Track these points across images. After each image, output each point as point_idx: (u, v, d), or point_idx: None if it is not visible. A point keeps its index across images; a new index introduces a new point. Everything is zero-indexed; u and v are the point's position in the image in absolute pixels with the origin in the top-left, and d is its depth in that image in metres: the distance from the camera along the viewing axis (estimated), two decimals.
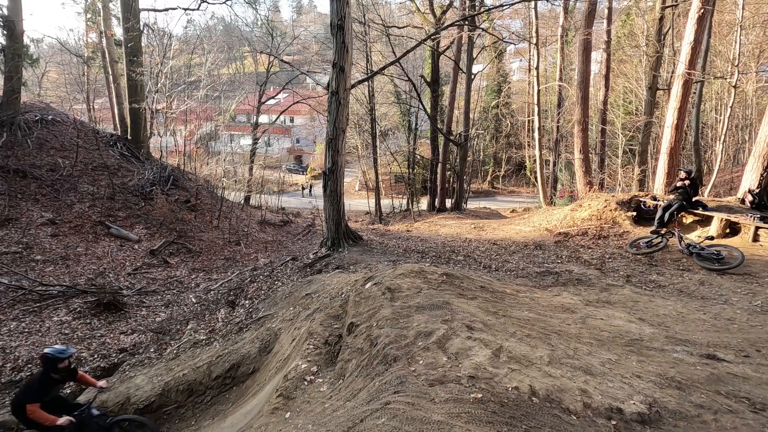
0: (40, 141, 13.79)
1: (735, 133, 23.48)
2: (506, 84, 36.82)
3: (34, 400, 3.95)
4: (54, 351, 4.11)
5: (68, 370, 4.22)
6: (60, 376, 4.16)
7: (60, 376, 4.15)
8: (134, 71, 16.17)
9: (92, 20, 24.52)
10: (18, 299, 8.13)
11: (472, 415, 2.48)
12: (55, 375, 4.11)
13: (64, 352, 4.11)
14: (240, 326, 6.89)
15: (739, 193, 9.64)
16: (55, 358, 4.05)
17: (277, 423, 3.38)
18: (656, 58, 18.69)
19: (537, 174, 19.73)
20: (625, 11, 24.82)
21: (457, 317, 3.94)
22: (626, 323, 4.53)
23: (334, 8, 9.49)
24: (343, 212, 10.56)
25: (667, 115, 11.56)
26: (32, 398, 3.96)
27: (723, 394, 3.02)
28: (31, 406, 3.91)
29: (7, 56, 13.60)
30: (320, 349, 4.46)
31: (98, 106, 28.50)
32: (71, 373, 4.31)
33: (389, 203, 25.19)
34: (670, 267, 7.53)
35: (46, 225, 10.89)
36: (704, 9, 10.41)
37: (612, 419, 2.62)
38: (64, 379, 4.27)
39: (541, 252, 9.34)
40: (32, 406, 3.92)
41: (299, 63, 29.76)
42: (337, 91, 9.66)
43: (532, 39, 19.11)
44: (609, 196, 11.32)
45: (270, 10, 64.32)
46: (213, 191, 17.64)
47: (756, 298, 5.75)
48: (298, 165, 46.16)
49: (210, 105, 29.92)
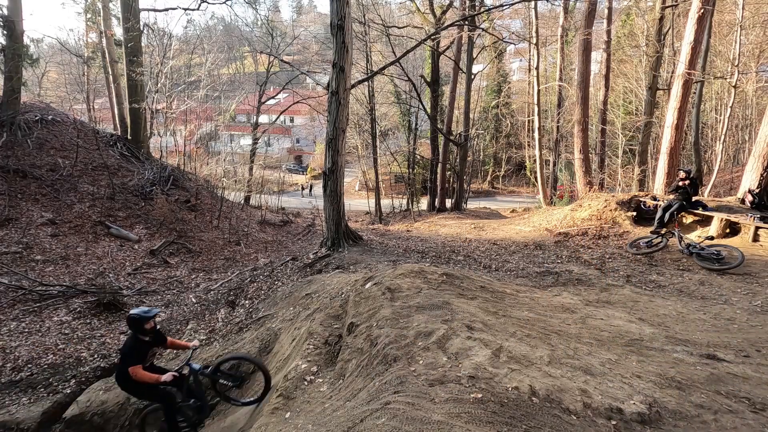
0: (40, 141, 13.79)
1: (735, 133, 23.48)
2: (506, 84, 36.81)
3: (134, 363, 3.95)
4: (139, 311, 4.07)
5: (155, 332, 4.19)
6: (149, 338, 4.11)
7: (149, 337, 4.11)
8: (134, 71, 16.17)
9: (92, 20, 24.52)
10: (18, 299, 8.13)
11: (472, 415, 2.48)
12: (143, 336, 4.07)
13: (148, 312, 4.07)
14: (240, 326, 6.89)
15: (739, 193, 9.64)
16: (141, 317, 4.00)
17: (277, 423, 3.38)
18: (656, 58, 18.68)
19: (537, 174, 19.73)
20: (625, 11, 24.80)
21: (457, 317, 3.94)
22: (626, 323, 4.53)
23: (334, 8, 9.49)
24: (343, 212, 10.56)
25: (667, 115, 11.56)
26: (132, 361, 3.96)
27: (723, 394, 3.02)
28: (134, 368, 3.92)
29: (7, 56, 13.61)
30: (320, 349, 4.46)
31: (98, 106, 28.49)
32: (159, 336, 4.27)
33: (389, 203, 25.18)
34: (670, 267, 7.53)
35: (46, 225, 10.89)
36: (704, 9, 10.40)
37: (612, 419, 2.62)
38: (154, 341, 4.22)
39: (541, 252, 9.34)
40: (134, 368, 3.92)
41: (299, 63, 29.76)
42: (337, 91, 9.66)
43: (532, 39, 19.11)
44: (609, 196, 11.32)
45: (270, 10, 64.33)
46: (213, 191, 17.65)
47: (756, 298, 5.75)
48: (298, 165, 46.17)
49: (210, 105, 29.92)
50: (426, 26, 20.17)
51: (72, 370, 6.43)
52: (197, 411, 4.45)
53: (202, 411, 4.46)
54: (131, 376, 3.92)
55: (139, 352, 4.05)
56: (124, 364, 4.00)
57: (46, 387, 6.07)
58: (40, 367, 6.49)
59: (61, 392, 5.95)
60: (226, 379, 4.51)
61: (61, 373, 6.34)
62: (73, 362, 6.67)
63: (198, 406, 4.43)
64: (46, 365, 6.55)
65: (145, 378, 3.98)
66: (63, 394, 5.91)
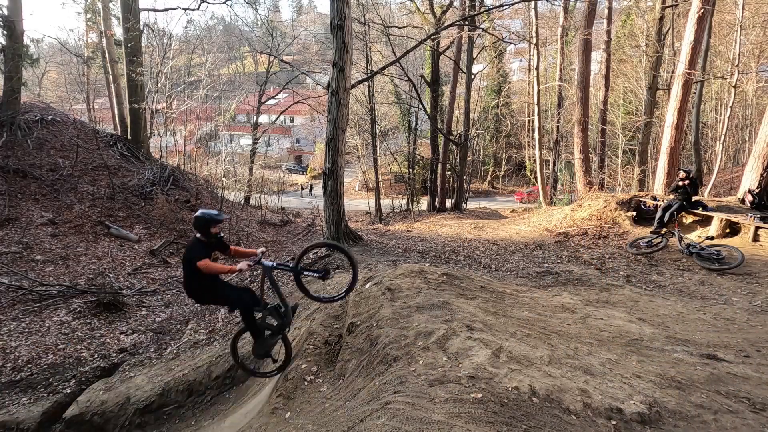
0: (40, 141, 13.79)
1: (735, 133, 23.48)
2: (506, 84, 36.82)
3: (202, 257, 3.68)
4: (209, 212, 3.85)
5: (219, 238, 3.94)
6: (212, 242, 3.87)
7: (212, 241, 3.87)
8: (134, 71, 16.16)
9: (92, 20, 24.51)
10: (18, 299, 8.13)
11: (472, 415, 2.48)
12: (207, 239, 3.83)
13: (218, 215, 3.85)
14: (240, 326, 6.88)
15: (739, 193, 9.65)
16: (209, 219, 3.78)
17: (277, 423, 3.38)
18: (656, 58, 18.69)
19: (537, 174, 19.73)
20: (625, 11, 24.80)
21: (457, 317, 3.94)
22: (626, 323, 4.53)
23: (334, 8, 9.49)
24: (343, 212, 10.56)
25: (667, 115, 11.57)
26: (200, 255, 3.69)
27: (723, 394, 3.02)
28: (203, 262, 3.65)
29: (7, 56, 13.60)
30: (320, 349, 4.46)
31: (98, 106, 28.49)
32: (222, 243, 4.02)
33: (389, 203, 25.18)
34: (670, 267, 7.53)
35: (46, 225, 10.89)
36: (704, 9, 10.41)
37: (612, 419, 2.62)
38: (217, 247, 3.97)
39: (541, 252, 9.34)
40: (204, 261, 3.65)
41: (299, 63, 29.75)
42: (337, 91, 9.66)
43: (532, 39, 19.12)
44: (609, 196, 11.33)
45: (270, 10, 64.24)
46: (213, 191, 17.63)
47: (756, 298, 5.75)
48: (298, 165, 46.17)
49: (210, 105, 29.93)
50: (426, 26, 20.17)
51: (72, 370, 6.43)
52: (280, 315, 4.16)
53: (285, 315, 4.17)
54: (202, 270, 3.63)
55: (204, 250, 3.80)
56: (191, 264, 3.70)
57: (46, 387, 6.06)
58: (40, 367, 6.49)
59: (61, 392, 5.94)
60: (310, 272, 4.14)
61: (61, 373, 6.34)
62: (73, 362, 6.67)
63: (278, 309, 4.15)
64: (46, 365, 6.55)
65: (217, 269, 3.72)
66: (63, 394, 5.90)
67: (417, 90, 20.79)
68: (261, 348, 4.25)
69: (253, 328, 4.13)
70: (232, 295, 4.04)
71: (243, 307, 4.06)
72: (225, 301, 4.07)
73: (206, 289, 3.88)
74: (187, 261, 3.80)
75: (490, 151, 38.63)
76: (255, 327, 4.13)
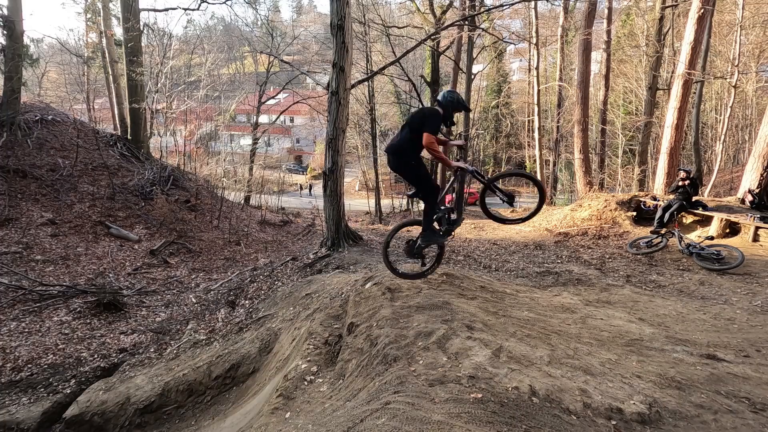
0: (40, 141, 13.79)
1: (735, 133, 23.48)
2: (506, 84, 36.83)
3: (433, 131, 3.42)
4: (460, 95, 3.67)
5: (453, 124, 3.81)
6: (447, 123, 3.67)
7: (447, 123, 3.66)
8: (134, 71, 16.17)
9: (92, 20, 24.52)
10: (18, 299, 8.13)
11: (472, 415, 2.48)
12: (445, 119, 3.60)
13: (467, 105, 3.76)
14: (240, 326, 6.89)
15: (739, 193, 9.65)
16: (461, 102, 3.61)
17: (277, 423, 3.38)
18: (656, 58, 18.69)
19: (537, 174, 19.73)
20: (625, 11, 24.81)
21: (457, 317, 3.94)
22: (626, 323, 4.53)
23: (334, 8, 9.49)
24: (343, 212, 10.56)
25: (667, 115, 11.57)
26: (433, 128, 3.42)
27: (723, 394, 3.02)
28: (430, 136, 3.40)
29: (7, 56, 13.59)
30: (320, 349, 4.46)
31: (98, 106, 28.49)
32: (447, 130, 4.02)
33: (389, 203, 25.18)
34: (670, 267, 7.53)
35: (46, 225, 10.89)
36: (704, 9, 10.41)
37: (612, 419, 2.62)
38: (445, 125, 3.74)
39: (541, 252, 9.34)
40: (431, 136, 3.40)
41: (299, 63, 29.73)
42: (337, 91, 9.66)
43: (532, 39, 19.13)
44: (609, 196, 11.33)
45: (270, 10, 64.13)
46: (213, 191, 17.64)
47: (756, 298, 5.75)
48: (298, 165, 46.17)
49: (210, 105, 29.93)
50: (426, 26, 20.16)
51: (72, 370, 6.43)
52: (452, 222, 4.20)
53: (456, 222, 4.22)
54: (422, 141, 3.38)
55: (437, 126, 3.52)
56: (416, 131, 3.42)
57: (46, 387, 6.06)
58: (40, 367, 6.49)
59: (61, 392, 5.94)
60: (499, 191, 4.18)
61: (61, 373, 6.34)
62: (73, 362, 6.67)
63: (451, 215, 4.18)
64: (46, 365, 6.55)
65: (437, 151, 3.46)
66: (63, 394, 5.90)
67: (417, 90, 20.79)
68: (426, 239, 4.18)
69: (430, 220, 4.03)
70: (431, 181, 3.88)
71: (434, 195, 3.92)
72: (422, 182, 3.84)
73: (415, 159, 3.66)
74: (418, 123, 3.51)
75: (490, 151, 38.63)
76: (431, 220, 4.03)
